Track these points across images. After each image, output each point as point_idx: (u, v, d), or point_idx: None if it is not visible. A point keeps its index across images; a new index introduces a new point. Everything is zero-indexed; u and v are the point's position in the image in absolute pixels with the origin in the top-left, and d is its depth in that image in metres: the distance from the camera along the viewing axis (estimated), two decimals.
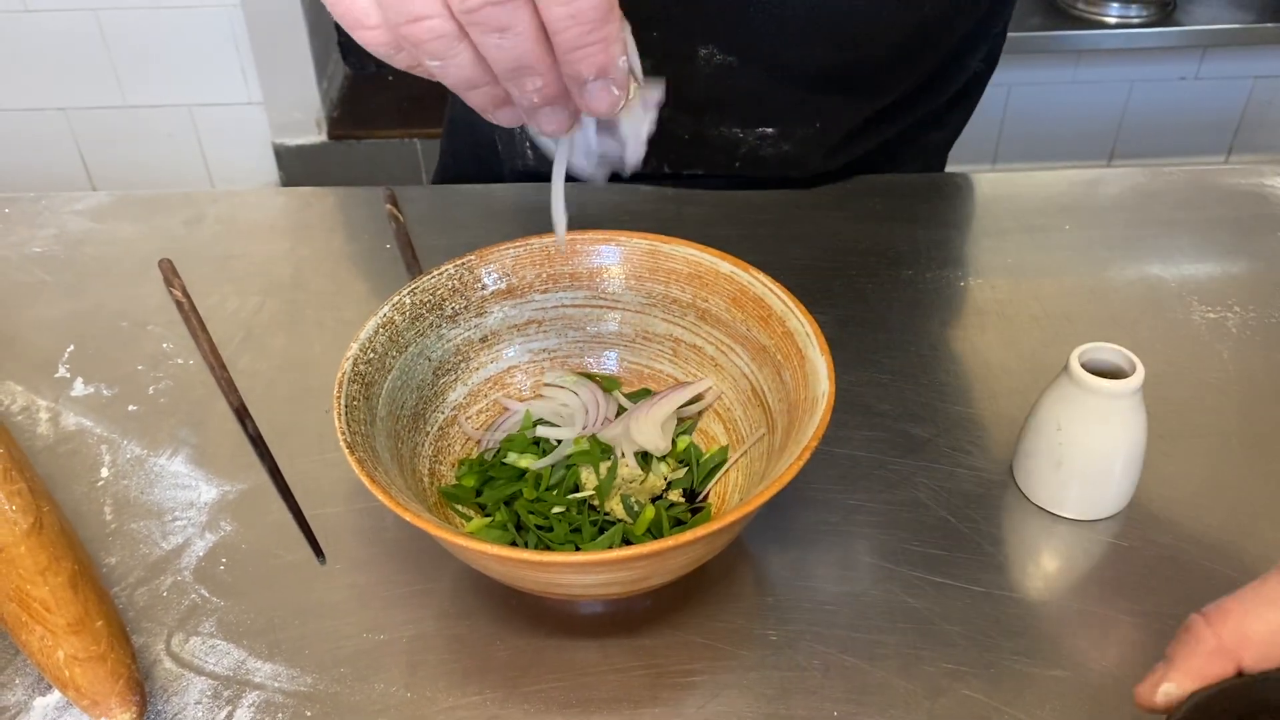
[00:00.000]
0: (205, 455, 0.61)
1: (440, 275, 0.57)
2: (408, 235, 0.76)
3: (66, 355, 0.68)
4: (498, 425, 0.59)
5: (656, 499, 0.55)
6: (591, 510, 0.54)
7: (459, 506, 0.55)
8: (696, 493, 0.56)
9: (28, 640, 0.47)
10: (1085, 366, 0.53)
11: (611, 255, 0.59)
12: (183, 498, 0.58)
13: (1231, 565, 0.54)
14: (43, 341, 0.69)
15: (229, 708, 0.48)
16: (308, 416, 0.63)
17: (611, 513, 0.54)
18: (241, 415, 0.62)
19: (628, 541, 0.52)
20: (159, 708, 0.48)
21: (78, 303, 0.72)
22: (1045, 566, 0.54)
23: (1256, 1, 1.95)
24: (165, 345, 0.68)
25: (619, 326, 0.61)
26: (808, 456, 0.46)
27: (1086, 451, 0.54)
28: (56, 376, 0.66)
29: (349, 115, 2.05)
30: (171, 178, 2.09)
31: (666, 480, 0.56)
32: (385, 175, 2.04)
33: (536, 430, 0.58)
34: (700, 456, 0.57)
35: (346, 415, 0.49)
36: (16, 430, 0.62)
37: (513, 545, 0.51)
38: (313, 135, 2.02)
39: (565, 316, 0.60)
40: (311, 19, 1.92)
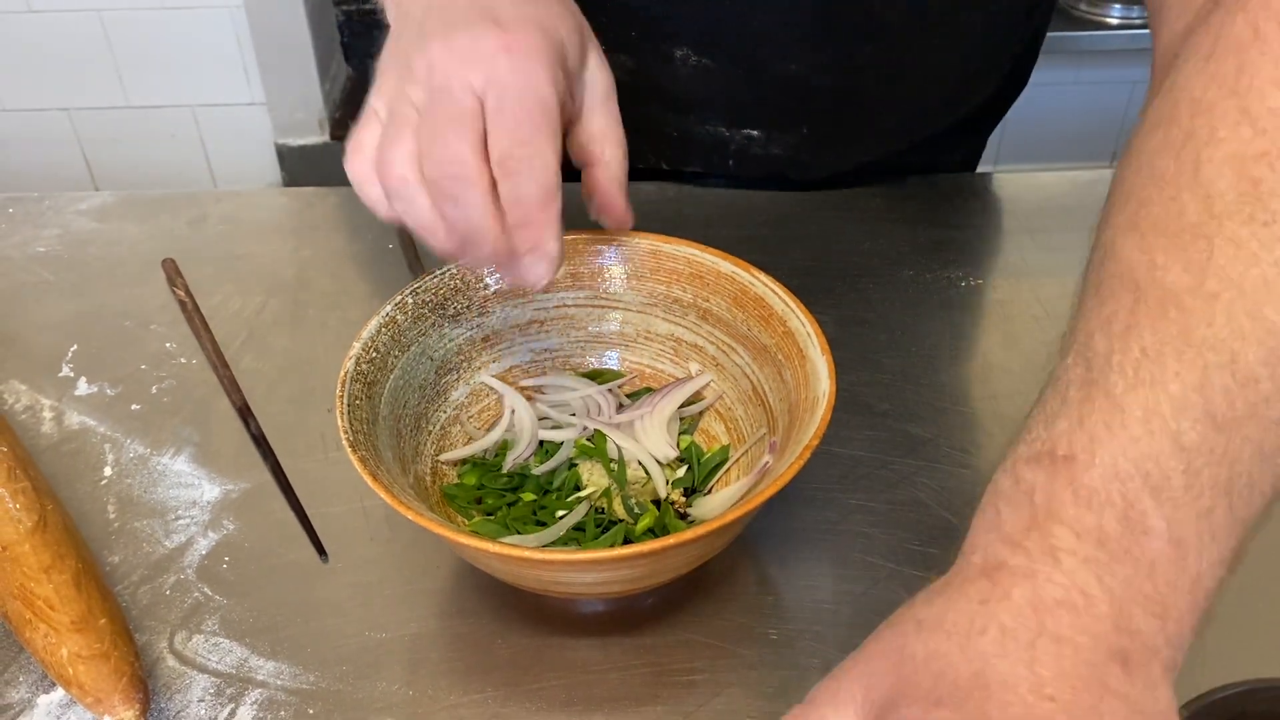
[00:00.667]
0: (208, 454, 0.61)
1: (442, 275, 0.57)
2: (410, 235, 0.76)
3: (70, 354, 0.68)
4: (498, 424, 0.59)
5: (657, 501, 0.55)
6: (596, 513, 0.54)
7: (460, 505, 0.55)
8: (697, 491, 0.56)
9: (31, 638, 0.47)
10: None
11: (613, 255, 0.59)
12: (185, 496, 0.58)
13: None
14: (46, 341, 0.69)
15: (231, 705, 0.48)
16: (310, 416, 0.63)
17: (613, 513, 0.54)
18: (244, 414, 0.62)
19: (629, 540, 0.52)
20: (162, 705, 0.48)
21: (81, 302, 0.72)
22: None
23: None
24: (168, 345, 0.68)
25: (620, 326, 0.61)
26: (808, 456, 0.46)
27: None
28: (60, 376, 0.66)
29: (352, 116, 2.02)
30: (174, 178, 2.09)
31: (669, 482, 0.56)
32: None
33: (539, 433, 0.58)
34: (701, 456, 0.57)
35: (349, 414, 0.49)
36: (20, 429, 0.62)
37: (514, 544, 0.51)
38: (315, 136, 2.02)
39: (567, 316, 0.61)
40: (314, 20, 1.92)
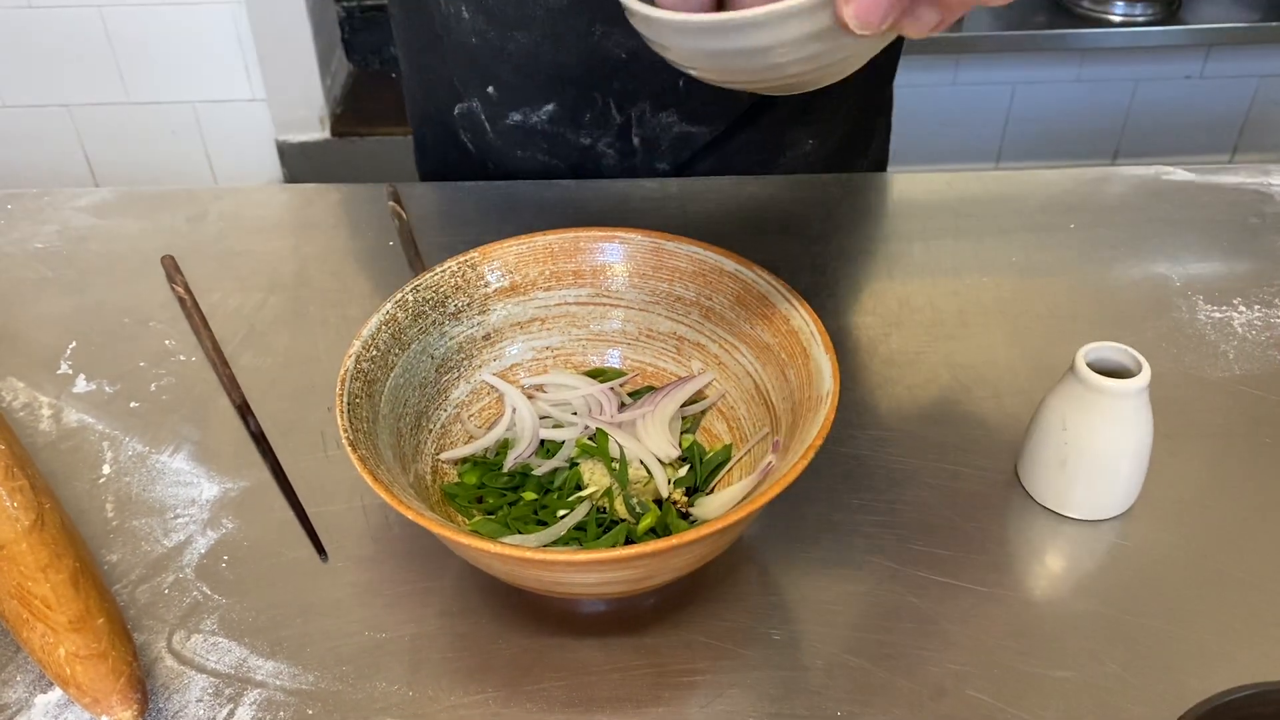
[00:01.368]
0: (207, 452, 0.61)
1: (443, 272, 0.57)
2: (411, 232, 0.76)
3: (69, 351, 0.67)
4: (499, 423, 0.59)
5: (659, 501, 0.55)
6: (597, 512, 0.54)
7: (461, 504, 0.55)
8: (699, 491, 0.56)
9: (29, 637, 0.47)
10: (1091, 366, 0.53)
11: (615, 253, 0.59)
12: (184, 495, 0.58)
13: (1239, 564, 0.53)
14: (45, 338, 0.69)
15: (230, 705, 0.48)
16: (310, 414, 0.62)
17: (615, 513, 0.54)
18: (244, 412, 0.62)
19: (630, 540, 0.52)
20: (160, 705, 0.48)
21: (80, 299, 0.72)
22: (1050, 566, 0.54)
23: (1262, 0, 1.95)
24: (167, 342, 0.68)
25: (622, 324, 0.60)
26: (812, 455, 0.45)
27: (1092, 451, 0.53)
28: (58, 373, 0.66)
29: (352, 112, 2.05)
30: (174, 174, 2.09)
31: (671, 482, 0.56)
32: (388, 172, 2.03)
33: (540, 432, 0.57)
34: (704, 455, 0.57)
35: (349, 413, 0.49)
36: (18, 427, 0.62)
37: (515, 544, 0.51)
38: (316, 132, 2.02)
39: (568, 314, 0.60)
40: (315, 16, 1.92)
